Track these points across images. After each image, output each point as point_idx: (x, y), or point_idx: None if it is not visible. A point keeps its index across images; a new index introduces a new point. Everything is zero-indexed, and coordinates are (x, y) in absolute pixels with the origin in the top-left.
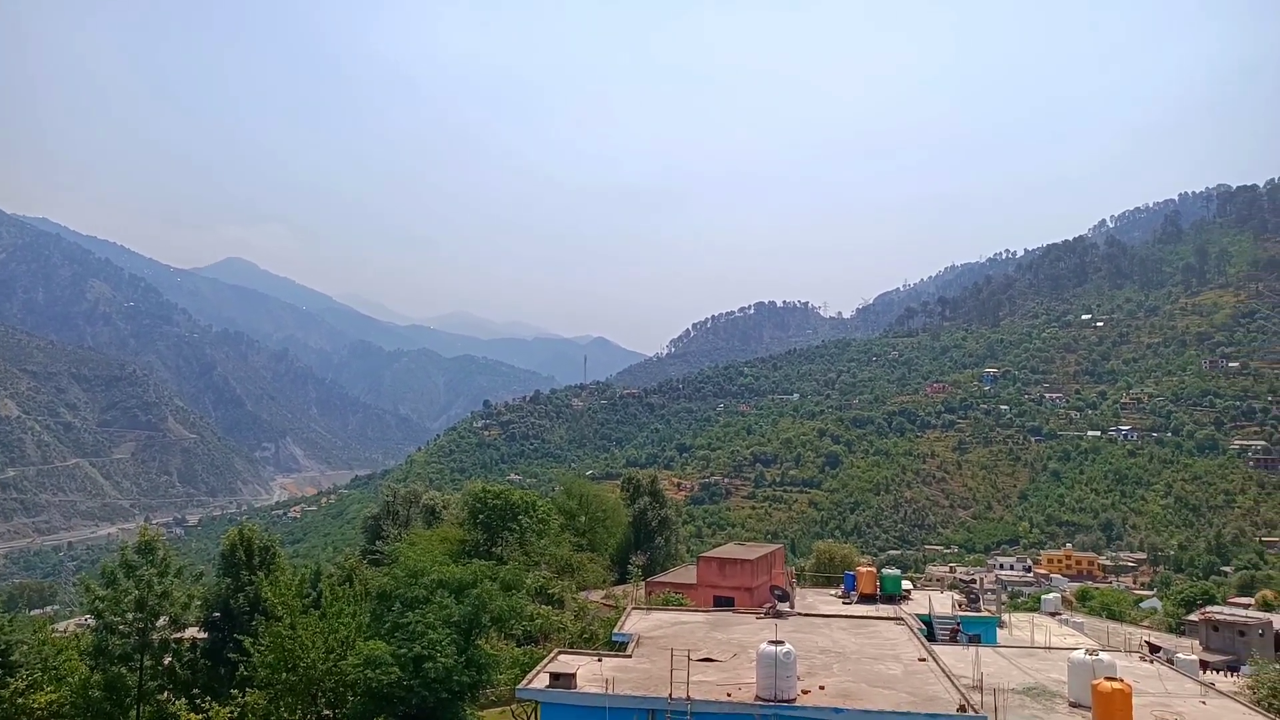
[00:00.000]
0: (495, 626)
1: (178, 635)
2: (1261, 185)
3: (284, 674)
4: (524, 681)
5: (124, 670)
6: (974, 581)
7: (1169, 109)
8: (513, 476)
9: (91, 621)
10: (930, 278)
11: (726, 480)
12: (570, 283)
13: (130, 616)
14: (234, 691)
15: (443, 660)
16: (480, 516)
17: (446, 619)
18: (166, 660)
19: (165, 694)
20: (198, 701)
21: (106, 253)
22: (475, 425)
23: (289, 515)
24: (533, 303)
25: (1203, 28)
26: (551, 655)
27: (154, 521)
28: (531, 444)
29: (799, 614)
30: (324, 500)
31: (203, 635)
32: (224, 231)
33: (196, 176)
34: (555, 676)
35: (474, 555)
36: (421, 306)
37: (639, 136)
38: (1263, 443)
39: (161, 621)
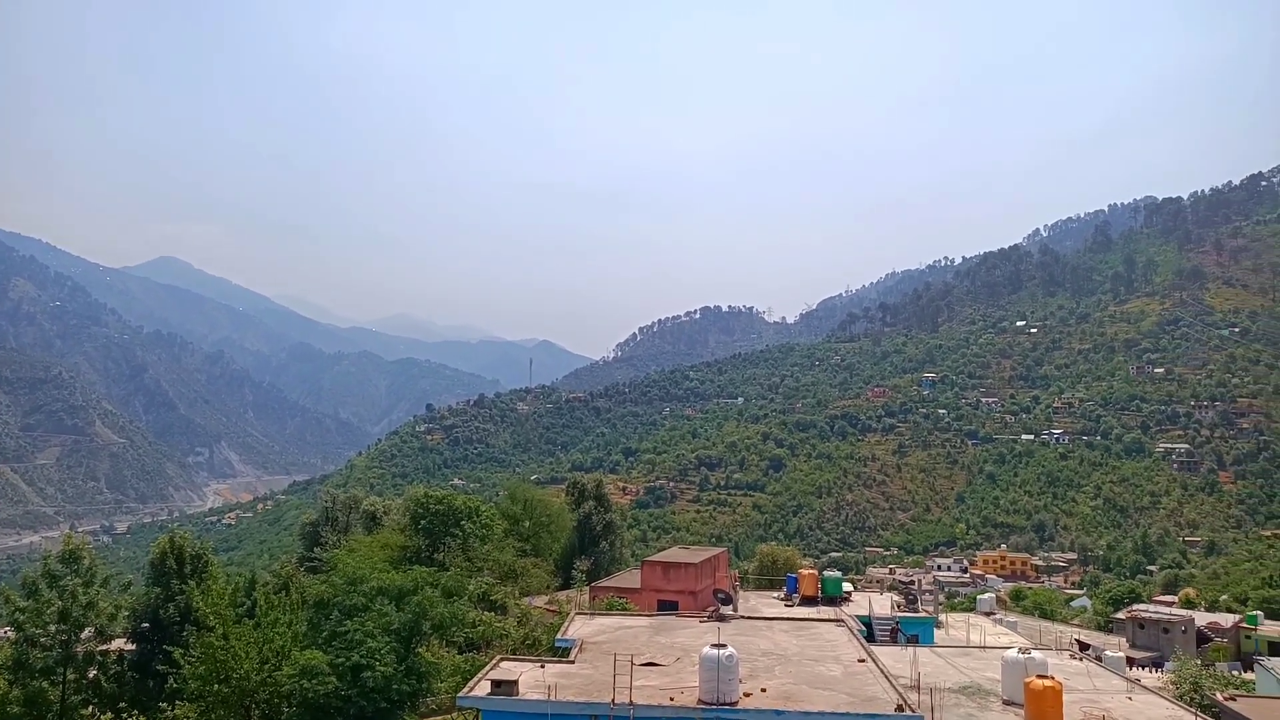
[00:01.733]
0: (436, 634)
1: (104, 647)
2: (1186, 198)
3: (216, 686)
4: (465, 689)
5: (46, 685)
6: (912, 583)
7: (1099, 121)
8: (456, 481)
9: (11, 634)
10: (872, 284)
11: (671, 484)
12: (516, 285)
13: (53, 629)
14: (163, 705)
15: (382, 669)
16: (422, 522)
17: (386, 627)
18: (91, 674)
19: (90, 709)
20: (124, 716)
21: (31, 249)
22: (417, 429)
23: (223, 522)
24: (477, 305)
25: (1130, 45)
26: (493, 662)
27: (80, 529)
28: (475, 448)
29: (741, 617)
30: (260, 506)
31: (130, 647)
32: (157, 229)
33: (128, 171)
34: (497, 684)
35: (415, 561)
36: (363, 308)
37: (587, 140)
38: (1186, 446)
39: (86, 633)
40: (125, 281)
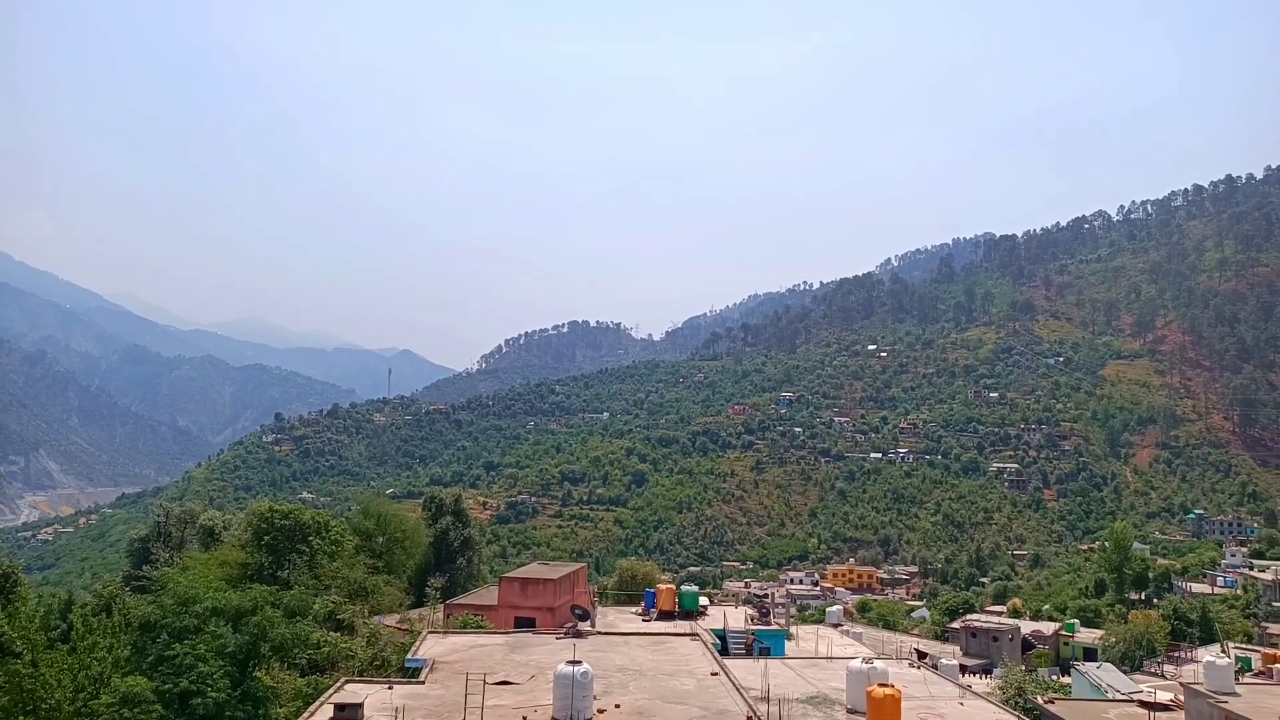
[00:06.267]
0: (277, 656)
1: None
2: (1020, 236)
3: (21, 717)
4: (305, 714)
5: None
6: (766, 596)
7: (947, 158)
8: (305, 495)
9: None
10: (735, 304)
11: (534, 499)
12: (376, 292)
13: None
14: None
15: (214, 695)
16: (265, 538)
17: (220, 649)
18: None
19: None
20: None
21: None
22: (265, 440)
23: (39, 538)
24: (334, 311)
25: (971, 89)
26: (337, 685)
27: None
28: (327, 460)
29: (599, 633)
30: (83, 521)
31: None
32: None
33: None
34: (340, 707)
35: (257, 580)
36: (207, 309)
37: (451, 142)
38: (1015, 465)
39: None
40: None
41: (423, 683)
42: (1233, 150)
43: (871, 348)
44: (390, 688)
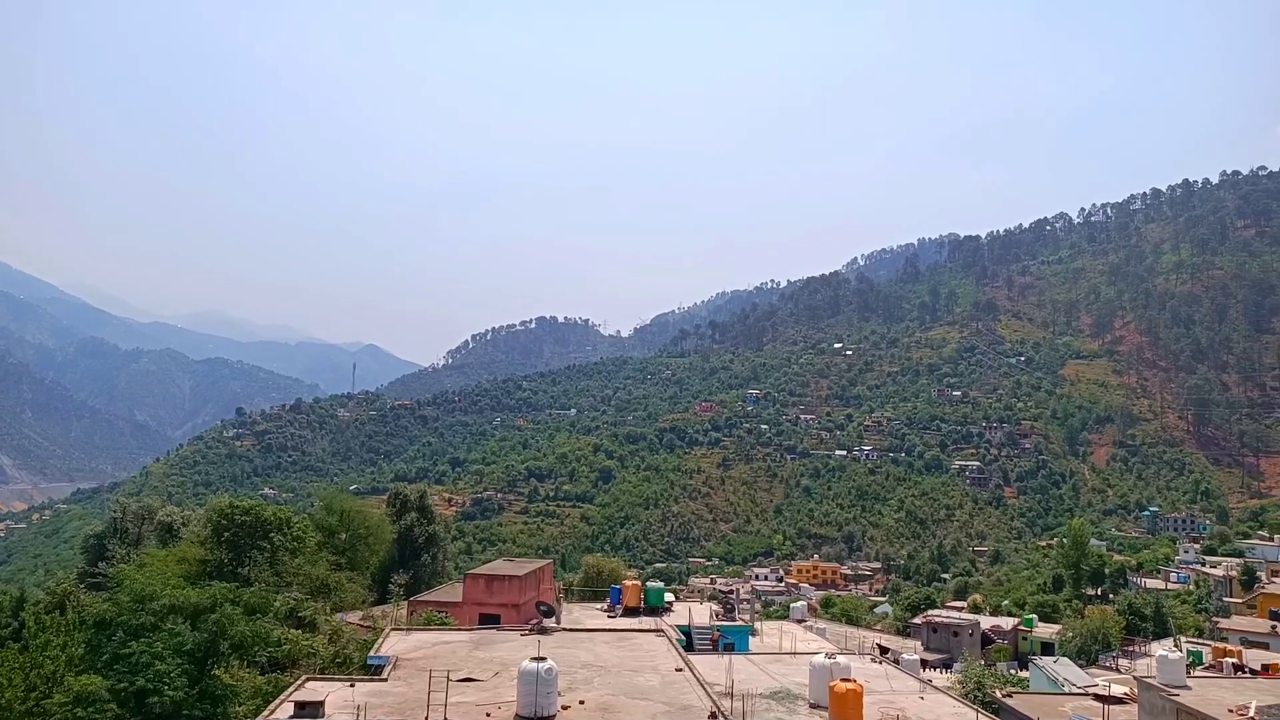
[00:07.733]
0: (236, 654)
1: None
2: (983, 237)
3: None
4: (265, 712)
5: None
6: (731, 592)
7: (913, 159)
8: (267, 491)
9: None
10: (703, 302)
11: (500, 495)
12: (340, 285)
13: None
14: None
15: (171, 694)
16: (225, 534)
17: (178, 647)
18: None
19: None
20: None
21: None
22: (226, 435)
23: None
24: (297, 305)
25: (939, 91)
26: (298, 683)
27: None
28: (290, 456)
29: (564, 629)
30: (36, 516)
31: None
32: None
33: None
34: (301, 706)
35: (216, 577)
36: (167, 302)
37: (419, 139)
38: (977, 463)
39: None
40: None
41: (385, 680)
42: (1189, 155)
43: (837, 346)
44: (352, 685)
